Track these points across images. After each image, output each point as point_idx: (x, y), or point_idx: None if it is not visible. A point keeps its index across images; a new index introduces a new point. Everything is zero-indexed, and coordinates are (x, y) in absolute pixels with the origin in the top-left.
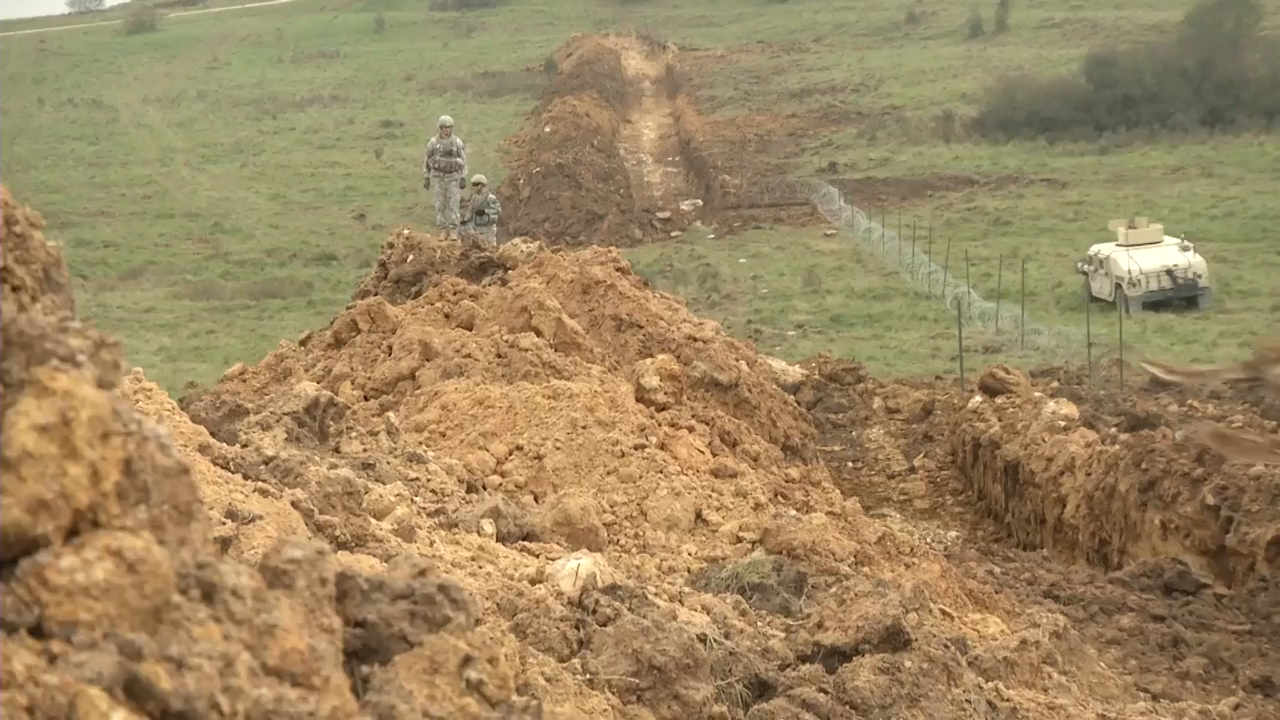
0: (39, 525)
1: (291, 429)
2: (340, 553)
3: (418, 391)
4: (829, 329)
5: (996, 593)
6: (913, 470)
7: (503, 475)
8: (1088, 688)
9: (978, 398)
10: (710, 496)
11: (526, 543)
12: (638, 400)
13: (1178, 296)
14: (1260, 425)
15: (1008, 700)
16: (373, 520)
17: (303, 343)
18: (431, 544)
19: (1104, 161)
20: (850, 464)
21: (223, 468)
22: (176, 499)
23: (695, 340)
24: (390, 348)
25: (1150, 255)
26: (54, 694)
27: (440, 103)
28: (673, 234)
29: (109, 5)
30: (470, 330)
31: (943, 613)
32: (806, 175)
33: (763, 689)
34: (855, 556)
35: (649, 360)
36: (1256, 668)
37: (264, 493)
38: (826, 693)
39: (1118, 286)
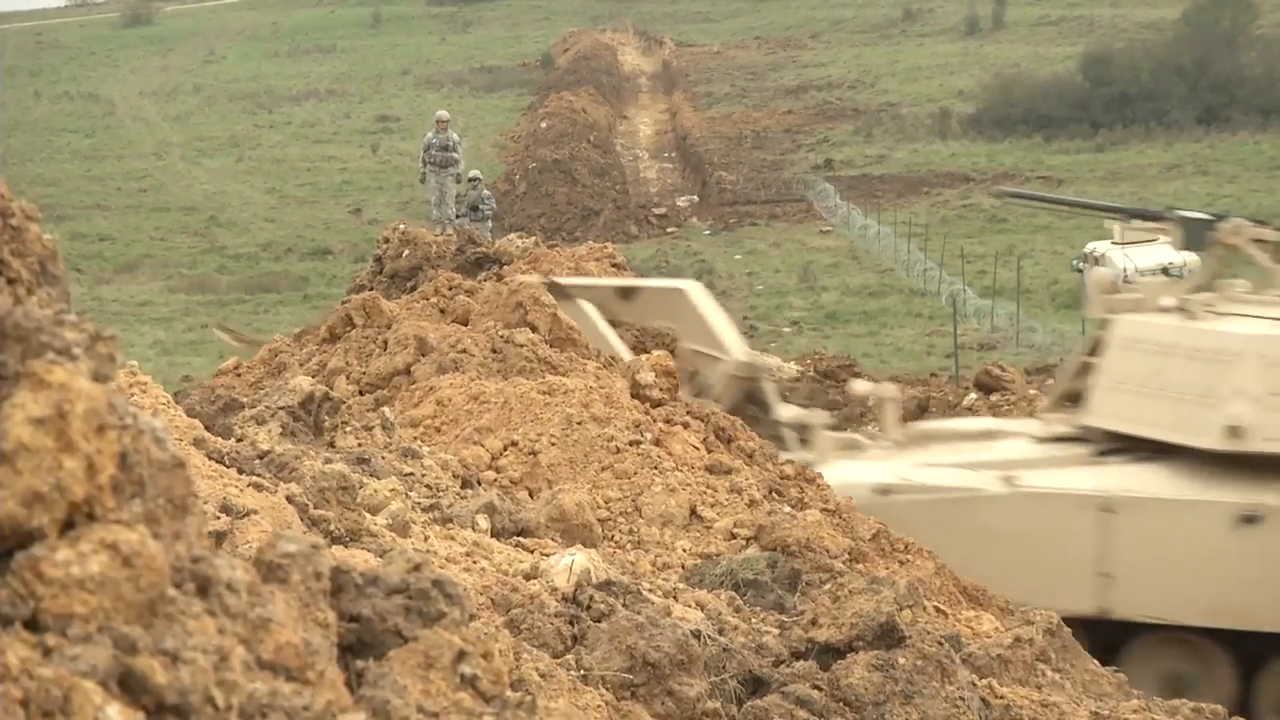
0: (34, 518)
1: (286, 423)
2: (335, 547)
3: (413, 386)
4: (824, 325)
5: (990, 590)
6: None
7: (497, 471)
8: (1081, 685)
9: (973, 395)
10: (705, 493)
11: (521, 538)
12: (633, 396)
13: None
14: None
15: (1001, 698)
16: (367, 515)
17: (298, 337)
18: (426, 539)
19: (1100, 159)
20: None
21: (217, 462)
22: (171, 493)
23: None
24: (385, 343)
25: (1146, 253)
26: (49, 687)
27: (437, 97)
28: (669, 230)
29: None
30: (465, 325)
31: (936, 610)
32: (802, 172)
33: (756, 685)
34: (849, 553)
35: (644, 356)
36: None
37: (259, 487)
38: (820, 689)
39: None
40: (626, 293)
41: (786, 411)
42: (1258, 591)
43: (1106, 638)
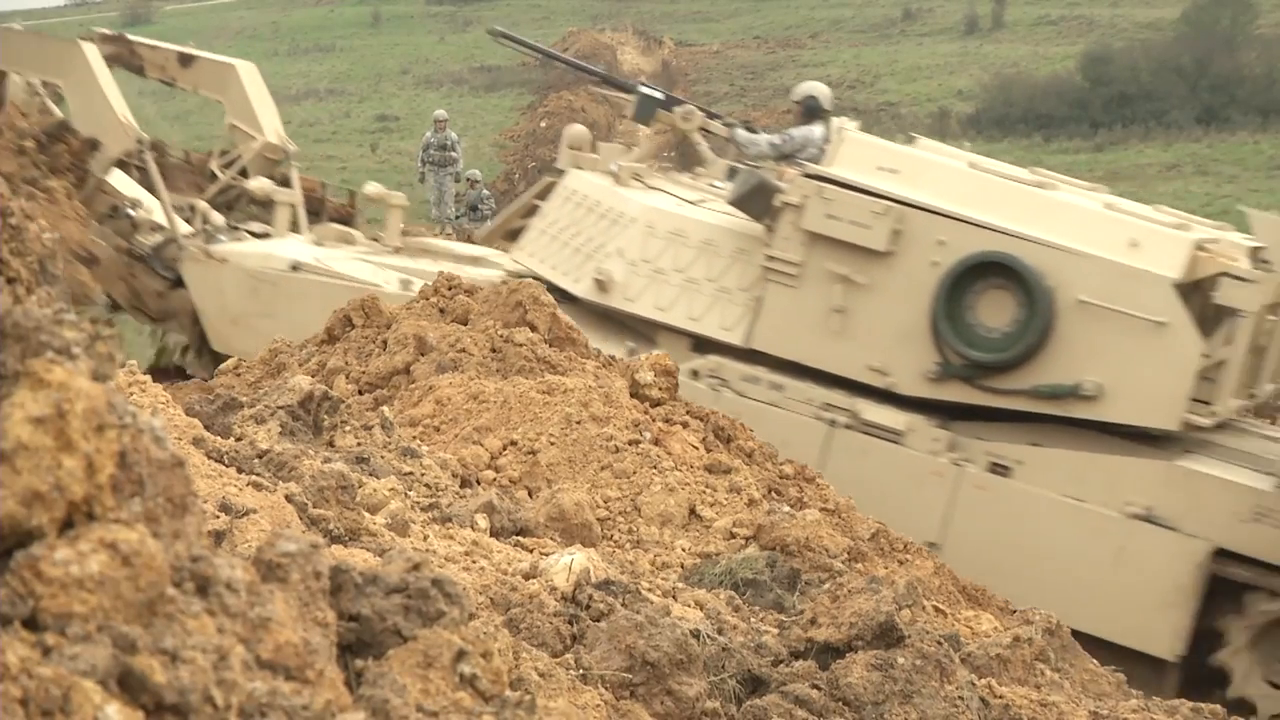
0: (34, 517)
1: (286, 423)
2: (334, 547)
3: (412, 386)
4: None
5: (990, 589)
6: None
7: (497, 470)
8: (1080, 685)
9: None
10: (704, 492)
11: (520, 538)
12: (632, 396)
13: None
14: None
15: (1000, 697)
16: (366, 514)
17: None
18: (425, 538)
19: (1099, 159)
20: None
21: (216, 461)
22: (171, 492)
23: None
24: (385, 342)
25: None
26: (48, 686)
27: (436, 97)
28: None
29: None
30: (465, 325)
31: (936, 609)
32: None
33: (756, 685)
34: (849, 553)
35: (644, 356)
36: None
37: (258, 486)
38: (819, 689)
39: None
40: (186, 60)
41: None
42: None
43: None
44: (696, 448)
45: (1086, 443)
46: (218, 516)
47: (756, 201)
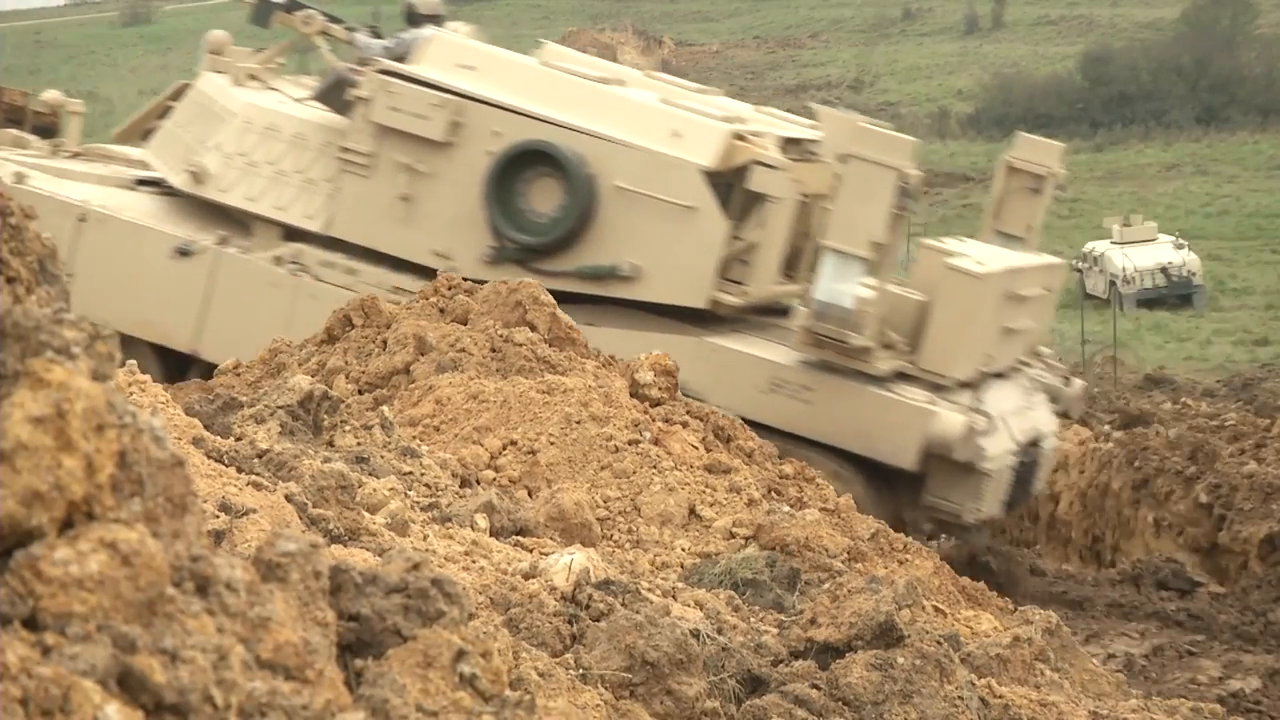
0: (33, 517)
1: (285, 422)
2: (334, 546)
3: (412, 386)
4: None
5: (989, 589)
6: None
7: (496, 470)
8: (1080, 685)
9: None
10: (704, 492)
11: (520, 537)
12: (632, 396)
13: (1172, 294)
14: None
15: (1000, 697)
16: (366, 514)
17: None
18: (425, 538)
19: (1099, 159)
20: None
21: (216, 460)
22: (171, 491)
23: None
24: (384, 342)
25: (1145, 253)
26: (47, 686)
27: None
28: None
29: None
30: (465, 325)
31: (935, 609)
32: None
33: (755, 685)
34: (848, 553)
35: (643, 355)
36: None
37: (258, 486)
38: (819, 689)
39: (1112, 284)
40: None
41: None
42: (179, 313)
43: None
44: (696, 447)
45: (636, 322)
46: (218, 516)
47: (335, 96)
